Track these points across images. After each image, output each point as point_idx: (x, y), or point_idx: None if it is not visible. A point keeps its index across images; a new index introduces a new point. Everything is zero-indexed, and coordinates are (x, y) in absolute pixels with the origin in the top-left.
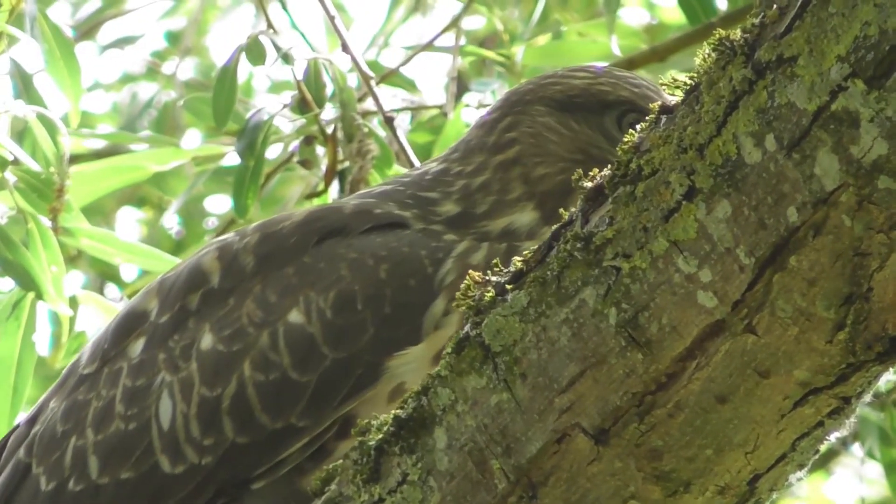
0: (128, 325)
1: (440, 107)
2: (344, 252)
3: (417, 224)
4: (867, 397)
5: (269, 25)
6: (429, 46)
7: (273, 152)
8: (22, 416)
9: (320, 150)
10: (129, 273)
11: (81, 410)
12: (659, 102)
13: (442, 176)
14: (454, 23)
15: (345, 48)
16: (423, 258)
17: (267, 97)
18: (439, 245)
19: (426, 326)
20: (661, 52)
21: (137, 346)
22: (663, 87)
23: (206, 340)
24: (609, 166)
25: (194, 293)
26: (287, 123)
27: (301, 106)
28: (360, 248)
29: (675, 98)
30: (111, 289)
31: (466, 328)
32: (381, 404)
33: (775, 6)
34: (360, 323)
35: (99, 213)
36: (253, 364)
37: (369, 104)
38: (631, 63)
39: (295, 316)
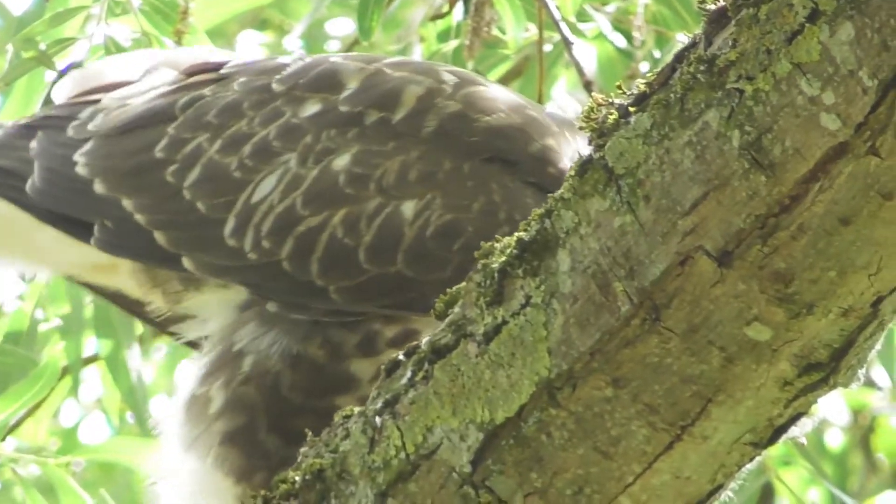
0: (330, 80)
1: None
2: (495, 188)
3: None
4: None
5: None
6: None
7: None
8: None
9: None
10: None
11: (206, 112)
12: None
13: None
14: None
15: None
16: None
17: None
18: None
19: None
20: None
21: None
22: None
23: (341, 161)
24: None
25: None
26: None
27: None
28: (506, 195)
29: None
30: None
31: (589, 151)
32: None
33: None
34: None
35: (221, 36)
36: (344, 223)
37: None
38: None
39: (408, 208)
